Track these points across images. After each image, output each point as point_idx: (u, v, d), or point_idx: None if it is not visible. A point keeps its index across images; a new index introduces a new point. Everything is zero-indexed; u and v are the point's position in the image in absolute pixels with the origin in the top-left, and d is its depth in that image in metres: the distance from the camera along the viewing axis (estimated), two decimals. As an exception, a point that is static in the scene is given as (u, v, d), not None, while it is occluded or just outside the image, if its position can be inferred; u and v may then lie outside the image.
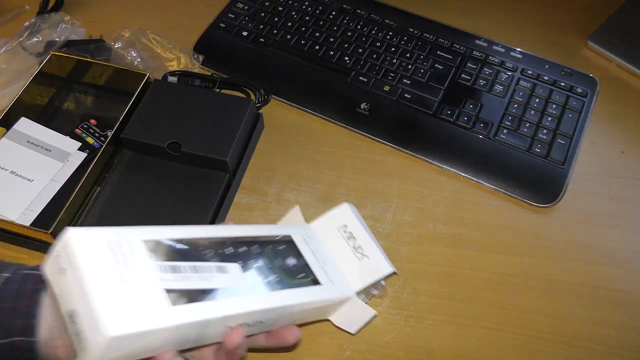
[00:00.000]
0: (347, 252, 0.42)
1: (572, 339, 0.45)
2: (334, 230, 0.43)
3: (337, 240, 0.43)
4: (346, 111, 0.58)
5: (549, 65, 0.61)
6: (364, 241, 0.42)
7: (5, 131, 0.53)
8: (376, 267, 0.42)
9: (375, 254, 0.42)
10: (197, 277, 0.31)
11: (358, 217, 0.44)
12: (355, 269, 0.42)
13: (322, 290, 0.38)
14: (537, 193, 0.53)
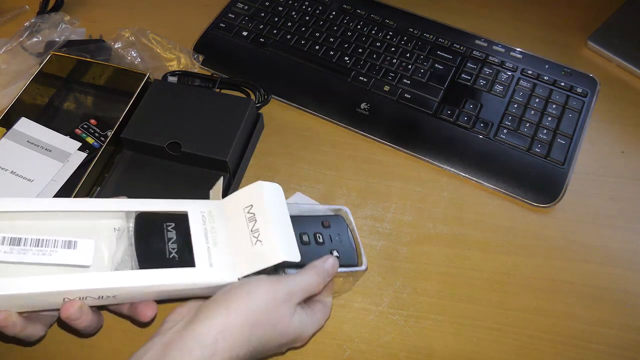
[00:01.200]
0: (244, 235, 0.39)
1: (572, 339, 0.45)
2: (240, 210, 0.40)
3: (239, 221, 0.40)
4: (346, 111, 0.58)
5: (549, 65, 0.61)
6: (264, 225, 0.38)
7: (5, 131, 0.53)
8: (267, 254, 0.37)
9: (272, 240, 0.38)
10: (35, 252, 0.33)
11: (274, 199, 0.40)
12: (246, 253, 0.38)
13: (190, 274, 0.36)
14: (537, 193, 0.53)
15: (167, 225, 0.39)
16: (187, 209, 0.40)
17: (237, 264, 0.38)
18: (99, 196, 0.50)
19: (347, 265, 0.43)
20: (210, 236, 0.39)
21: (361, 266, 0.44)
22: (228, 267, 0.38)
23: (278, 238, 0.38)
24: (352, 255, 0.44)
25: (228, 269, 0.38)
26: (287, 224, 0.40)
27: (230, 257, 0.39)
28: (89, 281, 0.33)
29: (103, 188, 0.51)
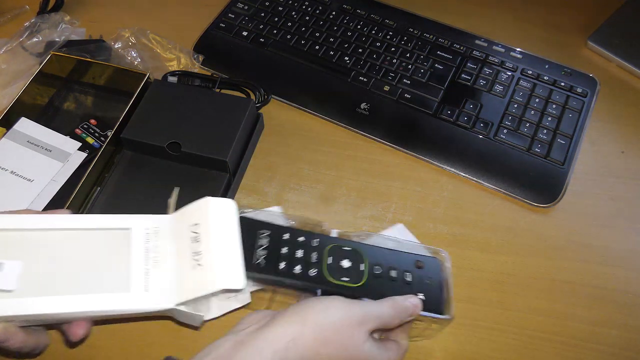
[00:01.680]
0: (186, 256, 0.36)
1: (572, 339, 0.45)
2: (186, 227, 0.37)
3: (184, 240, 0.37)
4: (346, 111, 0.58)
5: (549, 65, 0.61)
6: (206, 247, 0.36)
7: (5, 131, 0.53)
8: (205, 280, 0.35)
9: (212, 265, 0.35)
10: None
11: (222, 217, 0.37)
12: (186, 277, 0.36)
13: (123, 300, 0.34)
14: (537, 193, 0.53)
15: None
16: (130, 225, 0.37)
17: (177, 289, 0.36)
18: (99, 196, 0.50)
19: (431, 311, 0.41)
20: (151, 256, 0.36)
21: (446, 315, 0.41)
22: (165, 292, 0.36)
23: (219, 263, 0.35)
24: (439, 302, 0.41)
25: (165, 295, 0.35)
26: (233, 246, 0.37)
27: (170, 280, 0.36)
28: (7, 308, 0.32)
29: (103, 188, 0.51)
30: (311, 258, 0.41)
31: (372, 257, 0.42)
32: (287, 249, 0.41)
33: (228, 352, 0.34)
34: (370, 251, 0.43)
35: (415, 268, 0.42)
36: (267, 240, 0.41)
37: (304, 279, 0.40)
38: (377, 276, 0.41)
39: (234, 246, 0.37)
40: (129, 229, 0.37)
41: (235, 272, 0.36)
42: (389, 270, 0.42)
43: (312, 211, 0.52)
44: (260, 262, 0.39)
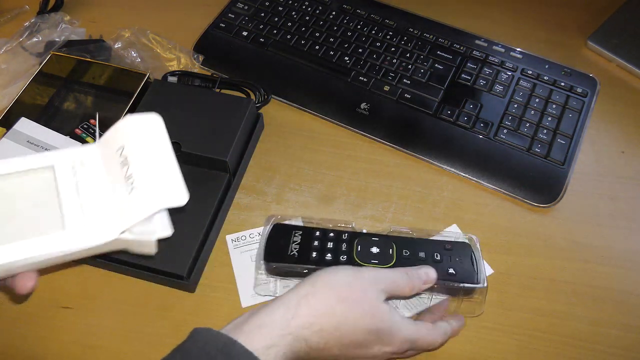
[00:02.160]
0: (119, 182, 0.34)
1: (572, 339, 0.45)
2: (113, 153, 0.34)
3: (113, 166, 0.34)
4: (346, 111, 0.58)
5: (549, 65, 0.61)
6: (138, 168, 0.33)
7: (5, 131, 0.53)
8: (144, 202, 0.32)
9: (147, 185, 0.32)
10: None
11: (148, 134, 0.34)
12: (123, 204, 0.33)
13: (60, 239, 0.32)
14: (537, 193, 0.53)
15: None
16: (52, 163, 0.34)
17: (117, 218, 0.33)
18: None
19: (464, 282, 0.42)
20: (82, 190, 0.34)
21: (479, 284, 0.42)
22: (105, 224, 0.33)
23: (153, 182, 0.32)
24: (470, 274, 0.42)
25: (105, 226, 0.33)
26: (167, 161, 0.33)
27: (108, 210, 0.33)
28: None
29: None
30: (341, 247, 0.44)
31: (401, 244, 0.44)
32: (319, 242, 0.44)
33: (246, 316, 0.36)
34: (398, 239, 0.45)
35: (444, 249, 0.44)
36: (300, 238, 0.44)
37: (335, 264, 0.42)
38: (406, 258, 0.43)
39: (168, 160, 0.33)
40: (52, 166, 0.34)
41: (174, 187, 0.32)
42: (418, 253, 0.43)
43: (312, 211, 0.52)
44: (294, 254, 0.43)
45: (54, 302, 0.47)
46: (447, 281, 0.42)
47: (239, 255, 0.50)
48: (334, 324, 0.36)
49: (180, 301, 0.47)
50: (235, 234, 0.51)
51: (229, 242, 0.50)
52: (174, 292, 0.48)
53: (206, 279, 0.48)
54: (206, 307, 0.47)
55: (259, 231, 0.51)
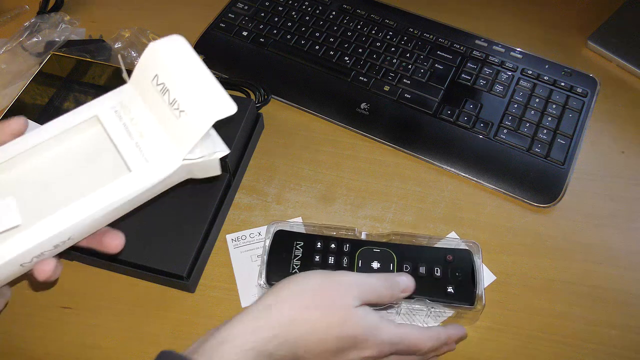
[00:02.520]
0: (165, 111, 0.33)
1: (572, 339, 0.45)
2: (148, 85, 0.34)
3: (154, 98, 0.33)
4: (346, 111, 0.58)
5: (549, 65, 0.61)
6: (178, 91, 0.32)
7: (5, 131, 0.53)
8: (196, 121, 0.32)
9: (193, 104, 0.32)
10: None
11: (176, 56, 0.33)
12: (177, 130, 0.33)
13: (130, 181, 0.32)
14: (537, 193, 0.53)
15: None
16: (95, 112, 0.34)
17: (176, 146, 0.33)
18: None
19: (461, 302, 0.43)
20: (133, 129, 0.33)
21: (471, 305, 0.43)
22: (167, 154, 0.33)
23: (199, 99, 0.32)
24: (469, 294, 0.43)
25: (167, 156, 0.33)
26: (204, 77, 0.33)
27: (164, 141, 0.33)
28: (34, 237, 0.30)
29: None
30: (342, 263, 0.44)
31: (402, 256, 0.45)
32: (320, 257, 0.45)
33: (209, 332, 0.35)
34: (399, 250, 0.45)
35: (445, 262, 0.45)
36: (301, 251, 0.45)
37: None
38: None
39: (204, 76, 0.33)
40: (96, 116, 0.34)
41: (220, 98, 0.32)
42: (418, 268, 0.44)
43: (312, 211, 0.52)
44: (295, 272, 0.44)
45: (54, 302, 0.47)
46: (444, 301, 0.43)
47: (239, 255, 0.50)
48: (300, 333, 0.34)
49: (180, 301, 0.47)
50: (235, 233, 0.51)
51: (229, 242, 0.50)
52: (174, 292, 0.48)
53: (206, 279, 0.48)
54: (206, 307, 0.47)
55: (259, 231, 0.51)
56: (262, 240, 0.50)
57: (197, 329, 0.46)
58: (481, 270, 0.44)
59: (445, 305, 0.43)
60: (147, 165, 0.33)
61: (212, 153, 0.33)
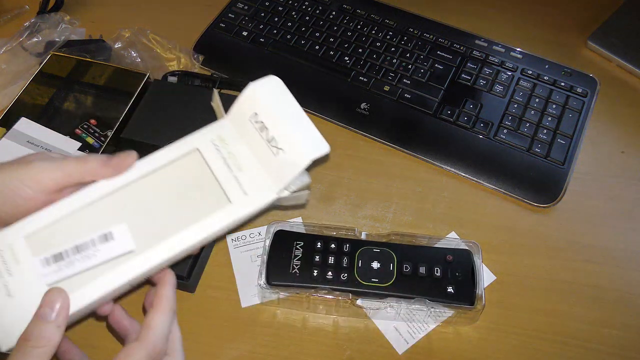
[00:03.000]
0: (262, 148, 0.35)
1: (572, 339, 0.45)
2: (246, 122, 0.36)
3: (252, 134, 0.36)
4: (346, 111, 0.58)
5: (549, 65, 0.61)
6: (276, 130, 0.35)
7: (5, 131, 0.53)
8: (294, 159, 0.34)
9: (291, 143, 0.34)
10: (80, 258, 0.32)
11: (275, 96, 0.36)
12: (273, 166, 0.35)
13: (230, 212, 0.35)
14: (537, 193, 0.53)
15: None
16: (196, 146, 0.36)
17: (272, 180, 0.36)
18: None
19: (459, 302, 0.43)
20: (231, 163, 0.36)
21: (471, 305, 0.43)
22: (263, 188, 0.35)
23: (297, 138, 0.34)
24: (469, 293, 0.43)
25: (264, 190, 0.35)
26: (299, 117, 0.35)
27: (261, 175, 0.36)
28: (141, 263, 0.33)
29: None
30: (342, 263, 0.45)
31: (401, 256, 0.45)
32: (320, 257, 0.45)
33: None
34: (399, 250, 0.45)
35: (445, 262, 0.45)
36: (301, 251, 0.45)
37: (336, 284, 0.44)
38: (405, 274, 0.44)
39: (300, 117, 0.35)
40: (198, 149, 0.36)
41: (317, 139, 0.35)
42: (418, 268, 0.44)
43: (312, 211, 0.52)
44: (295, 272, 0.44)
45: (54, 302, 0.47)
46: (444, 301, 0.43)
47: (239, 255, 0.50)
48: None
49: (180, 301, 0.47)
50: (235, 233, 0.51)
51: (229, 242, 0.50)
52: (174, 292, 0.48)
53: (206, 279, 0.48)
54: (206, 307, 0.47)
55: (259, 231, 0.51)
56: (262, 240, 0.50)
57: (197, 329, 0.46)
58: (481, 270, 0.44)
59: (445, 305, 0.43)
60: (246, 197, 0.35)
61: (303, 188, 0.36)
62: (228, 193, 0.35)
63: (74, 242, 0.32)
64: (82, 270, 0.32)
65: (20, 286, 0.31)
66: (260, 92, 0.36)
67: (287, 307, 0.47)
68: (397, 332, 0.45)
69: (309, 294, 0.44)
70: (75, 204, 0.34)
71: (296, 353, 0.45)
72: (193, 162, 0.36)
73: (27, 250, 0.32)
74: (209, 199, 0.35)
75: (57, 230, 0.33)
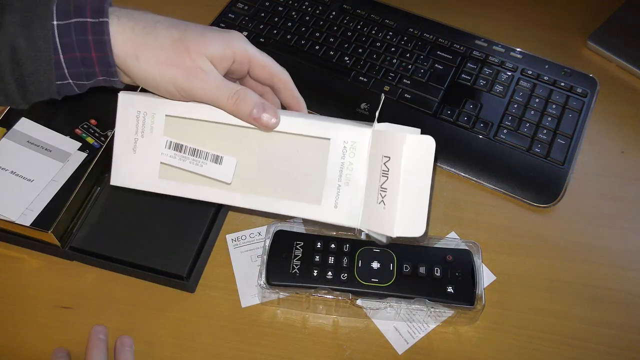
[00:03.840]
0: (374, 186, 0.35)
1: (572, 339, 0.45)
2: (379, 155, 0.35)
3: (376, 167, 0.35)
4: (346, 111, 0.58)
5: (549, 65, 0.61)
6: (392, 187, 0.34)
7: (5, 131, 0.53)
8: (384, 221, 0.34)
9: (392, 209, 0.34)
10: (191, 160, 0.37)
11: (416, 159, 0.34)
12: (370, 206, 0.36)
13: (313, 211, 0.37)
14: (537, 193, 0.53)
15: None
16: (331, 136, 0.36)
17: (361, 214, 0.36)
18: (99, 196, 0.50)
19: (461, 302, 0.43)
20: (345, 173, 0.36)
21: (471, 305, 0.43)
22: (352, 213, 0.36)
23: (399, 209, 0.34)
24: (469, 293, 0.43)
25: (351, 215, 0.36)
26: (421, 191, 0.35)
27: (357, 203, 0.36)
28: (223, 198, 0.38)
29: (103, 188, 0.51)
30: (342, 263, 0.45)
31: (401, 256, 0.45)
32: (320, 257, 0.45)
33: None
34: (399, 250, 0.45)
35: (445, 262, 0.45)
36: (301, 251, 0.45)
37: (336, 284, 0.44)
38: (405, 274, 0.44)
39: (421, 191, 0.35)
40: (329, 140, 0.36)
41: (417, 222, 0.35)
42: (418, 268, 0.44)
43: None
44: (295, 272, 0.44)
45: (54, 302, 0.47)
46: (444, 301, 0.43)
47: (239, 255, 0.50)
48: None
49: (180, 301, 0.47)
50: (235, 233, 0.51)
51: (229, 242, 0.50)
52: (174, 292, 0.48)
53: (206, 279, 0.48)
54: (206, 307, 0.47)
55: (259, 231, 0.51)
56: (262, 240, 0.50)
57: (197, 329, 0.46)
58: (481, 270, 0.44)
59: (445, 305, 0.43)
60: (334, 210, 0.36)
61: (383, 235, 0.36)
62: (323, 196, 0.36)
63: (196, 145, 0.37)
64: (187, 169, 0.37)
65: (143, 150, 0.38)
66: (406, 147, 0.34)
67: (287, 307, 0.47)
68: (397, 332, 0.45)
69: (309, 294, 0.44)
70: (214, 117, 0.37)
71: (296, 353, 0.45)
72: (318, 147, 0.37)
73: (162, 127, 0.37)
74: (307, 188, 0.37)
75: (190, 128, 0.37)
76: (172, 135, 0.37)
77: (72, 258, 0.49)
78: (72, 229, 0.49)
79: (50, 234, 0.45)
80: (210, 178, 0.37)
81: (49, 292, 0.48)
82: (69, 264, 0.49)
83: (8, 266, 0.49)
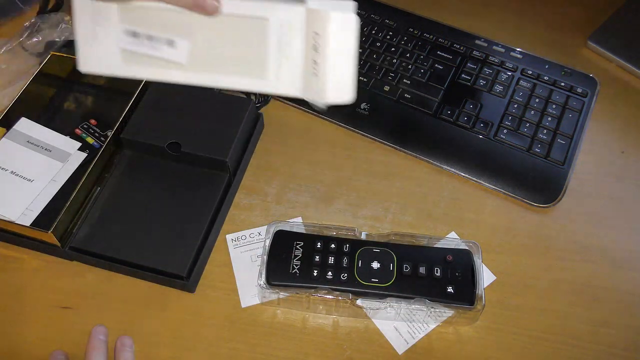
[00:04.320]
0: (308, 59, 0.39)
1: (572, 339, 0.45)
2: (311, 32, 0.38)
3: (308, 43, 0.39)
4: (346, 111, 0.58)
5: (549, 65, 0.61)
6: (323, 60, 0.38)
7: (5, 131, 0.53)
8: (318, 89, 0.39)
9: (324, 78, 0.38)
10: (147, 44, 0.40)
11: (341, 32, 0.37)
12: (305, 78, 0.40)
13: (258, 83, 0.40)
14: (537, 193, 0.53)
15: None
16: (268, 17, 0.39)
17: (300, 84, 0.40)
18: (99, 196, 0.50)
19: (461, 302, 0.43)
20: (283, 50, 0.39)
21: (471, 305, 0.43)
22: (293, 84, 0.40)
23: (330, 80, 0.38)
24: (469, 293, 0.43)
25: (292, 86, 0.40)
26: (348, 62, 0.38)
27: (296, 75, 0.40)
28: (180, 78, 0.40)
29: (103, 188, 0.51)
30: (342, 263, 0.45)
31: (402, 256, 0.45)
32: (320, 257, 0.45)
33: None
34: (399, 250, 0.45)
35: (445, 262, 0.45)
36: (301, 251, 0.45)
37: (336, 284, 0.44)
38: (405, 274, 0.44)
39: (347, 62, 0.38)
40: (268, 20, 0.39)
41: (345, 87, 0.39)
42: (418, 268, 0.44)
43: (312, 211, 0.52)
44: (295, 272, 0.44)
45: (54, 302, 0.47)
46: (444, 301, 0.43)
47: (239, 255, 0.50)
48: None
49: (180, 301, 0.47)
50: (235, 233, 0.51)
51: (229, 242, 0.50)
52: (174, 292, 0.48)
53: (206, 279, 0.48)
54: (206, 307, 0.47)
55: (259, 231, 0.51)
56: (262, 240, 0.50)
57: (197, 328, 0.46)
58: (481, 270, 0.44)
59: (445, 305, 0.43)
60: (277, 81, 0.40)
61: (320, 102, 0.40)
62: (267, 70, 0.40)
63: (150, 32, 0.39)
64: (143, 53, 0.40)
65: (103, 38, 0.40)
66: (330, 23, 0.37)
67: (287, 307, 0.47)
68: (397, 332, 0.45)
69: (309, 294, 0.44)
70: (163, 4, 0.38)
71: (296, 353, 0.45)
72: (258, 26, 0.39)
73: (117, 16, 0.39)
74: (252, 63, 0.40)
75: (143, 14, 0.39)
76: (128, 23, 0.39)
77: (72, 258, 0.49)
78: (72, 229, 0.49)
79: (50, 234, 0.45)
80: (167, 60, 0.40)
81: (49, 292, 0.48)
82: (69, 264, 0.49)
83: (8, 266, 0.49)
